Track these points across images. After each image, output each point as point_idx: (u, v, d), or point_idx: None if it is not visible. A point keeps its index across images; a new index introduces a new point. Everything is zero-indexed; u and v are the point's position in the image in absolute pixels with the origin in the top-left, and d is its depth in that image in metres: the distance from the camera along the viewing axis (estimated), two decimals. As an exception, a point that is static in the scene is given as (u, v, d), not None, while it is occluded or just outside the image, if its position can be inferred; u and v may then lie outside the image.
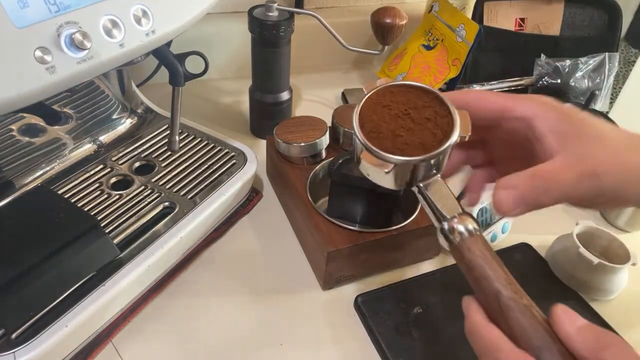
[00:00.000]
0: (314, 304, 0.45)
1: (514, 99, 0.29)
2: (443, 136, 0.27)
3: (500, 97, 0.30)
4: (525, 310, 0.23)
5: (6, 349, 0.33)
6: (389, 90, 0.29)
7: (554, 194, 0.26)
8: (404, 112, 0.28)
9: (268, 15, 0.54)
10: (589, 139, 0.27)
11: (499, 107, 0.29)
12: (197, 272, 0.47)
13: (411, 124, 0.27)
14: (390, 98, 0.29)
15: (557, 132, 0.27)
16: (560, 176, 0.26)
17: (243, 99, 0.69)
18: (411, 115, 0.28)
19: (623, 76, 0.78)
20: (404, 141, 0.27)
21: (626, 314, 0.46)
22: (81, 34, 0.33)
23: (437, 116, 0.27)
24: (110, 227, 0.43)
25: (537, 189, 0.26)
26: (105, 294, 0.38)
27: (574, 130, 0.27)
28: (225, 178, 0.49)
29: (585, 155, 0.26)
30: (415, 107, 0.28)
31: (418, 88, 0.29)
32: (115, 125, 0.55)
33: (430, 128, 0.27)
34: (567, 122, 0.27)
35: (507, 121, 0.29)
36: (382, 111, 0.28)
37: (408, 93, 0.29)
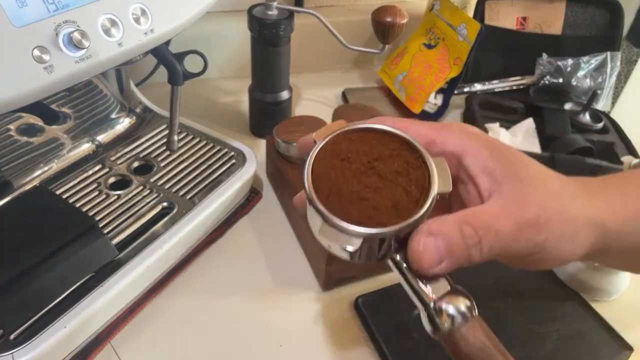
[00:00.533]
0: (314, 304, 0.44)
1: (439, 130, 0.25)
2: (419, 194, 0.22)
3: (424, 127, 0.25)
4: None
5: (5, 350, 0.33)
6: (346, 138, 0.23)
7: (489, 246, 0.21)
8: (367, 166, 0.22)
9: (268, 14, 0.54)
10: (528, 181, 0.23)
11: (423, 141, 0.24)
12: (196, 273, 0.46)
13: (378, 181, 0.22)
14: (348, 147, 0.23)
15: (491, 172, 0.23)
16: (497, 224, 0.21)
17: (242, 98, 0.69)
18: (377, 168, 0.22)
19: (625, 76, 0.78)
20: (371, 205, 0.21)
21: (627, 314, 0.45)
22: (79, 33, 0.33)
23: (408, 167, 0.22)
24: (109, 227, 0.43)
25: (469, 239, 0.21)
26: (103, 295, 0.37)
27: (510, 170, 0.23)
28: (225, 178, 0.49)
29: (525, 199, 0.22)
30: (380, 157, 0.22)
31: (381, 132, 0.23)
32: (114, 125, 0.55)
33: (403, 184, 0.22)
34: (501, 159, 0.23)
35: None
36: (341, 166, 0.22)
37: (370, 139, 0.23)
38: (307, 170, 0.22)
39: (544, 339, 0.42)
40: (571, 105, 0.69)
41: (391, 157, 0.23)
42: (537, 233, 0.21)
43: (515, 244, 0.21)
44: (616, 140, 0.64)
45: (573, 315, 0.44)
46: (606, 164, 0.58)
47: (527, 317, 0.43)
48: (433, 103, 0.71)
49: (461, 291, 0.22)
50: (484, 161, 0.23)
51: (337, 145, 0.23)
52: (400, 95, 0.71)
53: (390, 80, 0.74)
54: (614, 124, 0.67)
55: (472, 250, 0.21)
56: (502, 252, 0.22)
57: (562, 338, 0.42)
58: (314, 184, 0.22)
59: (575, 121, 0.65)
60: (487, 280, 0.47)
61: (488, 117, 0.67)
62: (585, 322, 0.43)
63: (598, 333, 0.43)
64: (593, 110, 0.67)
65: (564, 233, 0.22)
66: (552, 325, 0.43)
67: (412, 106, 0.69)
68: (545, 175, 0.24)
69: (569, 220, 0.22)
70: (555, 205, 0.22)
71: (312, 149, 0.23)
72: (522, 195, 0.22)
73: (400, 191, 0.22)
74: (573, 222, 0.22)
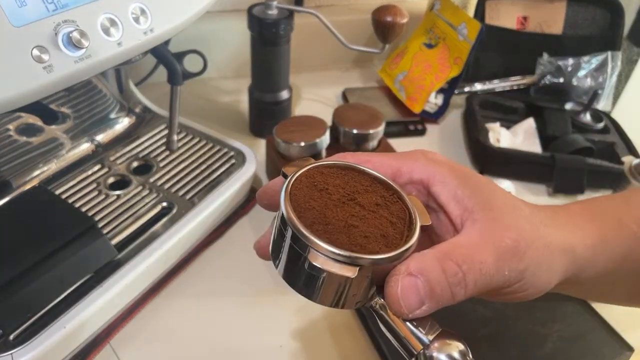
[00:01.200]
0: (314, 305, 0.44)
1: (404, 159, 0.24)
2: (403, 226, 0.21)
3: (387, 158, 0.24)
4: None
5: (4, 350, 0.33)
6: (318, 171, 0.22)
7: (474, 282, 0.20)
8: (348, 197, 0.21)
9: (267, 14, 0.54)
10: (500, 208, 0.22)
11: (389, 172, 0.23)
12: (196, 273, 0.46)
13: (362, 211, 0.21)
14: (324, 180, 0.22)
15: (461, 199, 0.22)
16: (480, 256, 0.20)
17: (242, 98, 0.69)
18: (358, 200, 0.21)
19: (626, 75, 0.77)
20: (361, 233, 0.20)
21: (629, 315, 0.45)
22: (79, 32, 0.32)
23: (386, 201, 0.22)
24: (108, 227, 0.43)
25: (452, 277, 0.19)
26: (103, 295, 0.37)
27: (480, 197, 0.22)
28: (224, 178, 0.49)
29: (501, 226, 0.21)
30: (357, 191, 0.22)
31: (349, 169, 0.23)
32: (113, 125, 0.55)
33: (385, 215, 0.21)
34: (470, 186, 0.22)
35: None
36: (320, 196, 0.21)
37: (342, 175, 0.22)
38: (285, 199, 0.20)
39: (544, 340, 0.41)
40: (572, 105, 0.69)
41: (367, 193, 0.22)
42: (518, 260, 0.20)
43: (498, 275, 0.20)
44: (617, 140, 0.64)
45: (574, 316, 0.44)
46: (607, 164, 0.58)
47: (527, 318, 0.43)
48: (433, 103, 0.71)
49: (452, 334, 0.20)
50: (453, 189, 0.22)
51: (311, 177, 0.22)
52: (401, 95, 0.71)
53: (391, 79, 0.74)
54: (614, 124, 0.67)
55: (456, 289, 0.19)
56: (486, 287, 0.20)
57: (562, 339, 0.42)
58: (296, 212, 0.20)
59: (575, 121, 0.65)
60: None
61: (488, 116, 0.67)
62: (586, 322, 0.43)
63: (599, 334, 0.43)
64: (594, 110, 0.67)
65: (542, 260, 0.21)
66: (553, 325, 0.43)
67: (413, 106, 0.69)
68: (514, 201, 0.23)
69: (545, 247, 0.21)
70: (531, 230, 0.21)
71: (283, 183, 0.21)
72: (498, 222, 0.21)
73: (385, 222, 0.21)
74: (549, 248, 0.22)
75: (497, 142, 0.62)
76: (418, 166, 0.24)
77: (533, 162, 0.58)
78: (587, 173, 0.57)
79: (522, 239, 0.21)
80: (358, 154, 0.24)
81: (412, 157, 0.24)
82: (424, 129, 0.68)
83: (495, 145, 0.60)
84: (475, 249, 0.20)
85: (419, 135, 0.68)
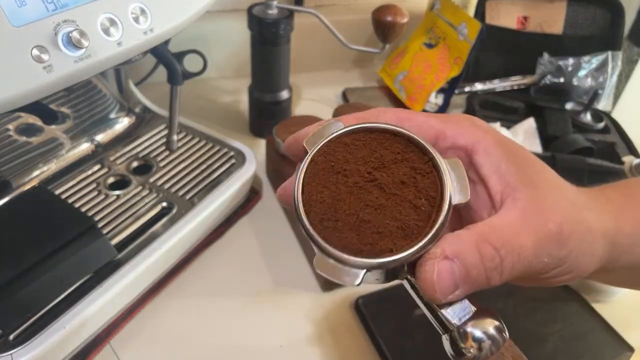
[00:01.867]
0: (314, 305, 0.44)
1: (448, 121, 0.22)
2: (431, 207, 0.18)
3: (431, 119, 0.22)
4: None
5: (4, 350, 0.33)
6: (341, 143, 0.20)
7: (511, 267, 0.19)
8: (367, 178, 0.19)
9: (267, 13, 0.54)
10: (544, 187, 0.20)
11: (432, 134, 0.22)
12: (196, 273, 0.46)
13: (381, 197, 0.18)
14: (344, 156, 0.19)
15: (504, 173, 0.20)
16: (520, 240, 0.19)
17: (242, 98, 0.69)
18: (379, 180, 0.19)
19: (626, 75, 0.77)
20: (374, 229, 0.18)
21: (629, 315, 0.45)
22: (79, 32, 0.32)
23: (416, 175, 0.19)
24: (108, 228, 0.43)
25: (489, 262, 0.18)
26: (103, 295, 0.37)
27: (525, 174, 0.20)
28: (224, 178, 0.49)
29: (545, 208, 0.19)
30: (382, 164, 0.19)
31: (381, 131, 0.20)
32: (113, 125, 0.55)
33: (410, 198, 0.18)
34: (515, 161, 0.21)
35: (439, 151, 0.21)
36: (336, 180, 0.19)
37: (369, 142, 0.20)
38: (297, 190, 0.19)
39: (545, 340, 0.41)
40: (572, 104, 0.69)
41: (395, 164, 0.19)
42: (561, 247, 0.19)
43: (536, 260, 0.19)
44: (617, 140, 0.64)
45: (574, 316, 0.44)
46: (607, 164, 0.58)
47: (528, 318, 0.43)
48: (434, 103, 0.71)
49: (488, 311, 0.19)
50: (497, 161, 0.20)
51: (330, 155, 0.20)
52: (401, 95, 0.71)
53: (391, 79, 0.74)
54: (615, 123, 0.67)
55: (492, 274, 0.18)
56: (523, 272, 0.19)
57: (563, 339, 0.42)
58: (306, 207, 0.18)
59: (576, 121, 0.65)
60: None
61: (489, 116, 0.67)
62: (587, 322, 0.43)
63: (599, 334, 0.43)
64: (594, 110, 0.67)
65: (585, 245, 0.20)
66: (554, 326, 0.43)
67: (413, 106, 0.69)
68: (560, 182, 0.22)
69: (588, 231, 0.20)
70: (575, 214, 0.20)
71: (302, 159, 0.20)
72: (541, 204, 0.19)
73: (407, 207, 0.18)
74: (591, 232, 0.20)
75: (497, 142, 0.62)
76: (463, 131, 0.22)
77: (533, 162, 0.58)
78: (588, 173, 0.57)
79: (567, 222, 0.19)
80: (398, 110, 0.22)
81: (456, 120, 0.22)
82: (424, 129, 0.68)
83: (496, 145, 0.60)
84: (515, 231, 0.19)
85: (419, 135, 0.68)
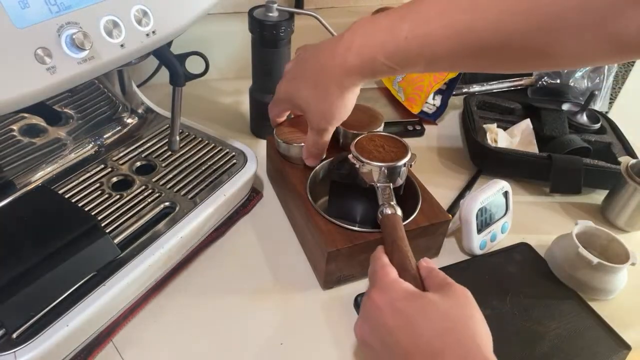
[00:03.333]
0: (314, 303, 0.45)
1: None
2: (402, 154, 0.45)
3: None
4: (404, 255, 0.36)
5: (7, 349, 0.33)
6: (377, 135, 0.48)
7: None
8: (380, 146, 0.46)
9: (268, 16, 0.54)
10: None
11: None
12: (197, 272, 0.47)
13: (383, 151, 0.45)
14: (372, 139, 0.47)
15: None
16: None
17: (243, 99, 0.69)
18: (385, 147, 0.46)
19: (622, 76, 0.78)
20: (384, 157, 0.45)
21: (626, 313, 0.46)
22: (82, 34, 0.33)
23: (397, 150, 0.46)
24: (111, 227, 0.43)
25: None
26: (105, 294, 0.38)
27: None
28: (226, 178, 0.50)
29: None
30: (386, 144, 0.46)
31: (389, 137, 0.47)
32: (116, 126, 0.55)
33: (392, 155, 0.45)
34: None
35: None
36: (369, 145, 0.46)
37: (383, 137, 0.47)
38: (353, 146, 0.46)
39: (542, 338, 0.42)
40: (569, 105, 0.69)
41: (389, 146, 0.46)
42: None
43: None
44: (613, 141, 0.64)
45: (571, 314, 0.44)
46: (604, 164, 0.58)
47: (525, 316, 0.44)
48: (432, 104, 0.71)
49: (396, 207, 0.41)
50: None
51: (369, 138, 0.47)
52: (400, 96, 0.72)
53: (390, 81, 0.74)
54: (611, 124, 0.67)
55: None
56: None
57: (560, 337, 0.42)
58: (359, 150, 0.45)
59: (572, 122, 0.66)
60: (486, 280, 0.47)
61: (486, 117, 0.67)
62: (584, 321, 0.44)
63: (596, 332, 0.43)
64: (590, 111, 0.67)
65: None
66: (551, 324, 0.43)
67: (411, 107, 0.69)
68: None
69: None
70: None
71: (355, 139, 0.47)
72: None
73: (392, 155, 0.45)
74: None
75: (494, 142, 0.63)
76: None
77: (530, 162, 0.59)
78: (584, 173, 0.57)
79: None
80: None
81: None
82: (422, 130, 0.69)
83: (493, 145, 0.61)
84: None
85: (418, 136, 0.68)
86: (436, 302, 0.30)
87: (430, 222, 0.46)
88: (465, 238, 0.49)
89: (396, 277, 0.33)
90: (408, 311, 0.30)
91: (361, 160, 0.44)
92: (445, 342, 0.28)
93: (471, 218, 0.48)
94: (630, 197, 0.54)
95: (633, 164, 0.54)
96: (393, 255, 0.36)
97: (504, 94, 0.73)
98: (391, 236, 0.38)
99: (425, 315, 0.29)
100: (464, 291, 0.31)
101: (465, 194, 0.58)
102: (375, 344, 0.31)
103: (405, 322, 0.29)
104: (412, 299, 0.31)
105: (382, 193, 0.43)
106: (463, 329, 0.29)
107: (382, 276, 0.33)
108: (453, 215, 0.51)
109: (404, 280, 0.33)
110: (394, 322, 0.30)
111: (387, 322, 0.30)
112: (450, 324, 0.29)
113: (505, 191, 0.51)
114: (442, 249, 0.50)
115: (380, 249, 0.37)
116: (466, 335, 0.28)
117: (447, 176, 0.61)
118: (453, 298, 0.30)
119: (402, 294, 0.31)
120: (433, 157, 0.65)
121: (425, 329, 0.29)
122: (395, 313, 0.30)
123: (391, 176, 0.44)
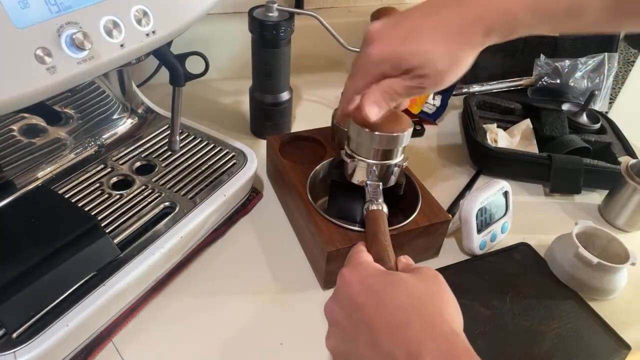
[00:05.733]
0: (314, 303, 0.45)
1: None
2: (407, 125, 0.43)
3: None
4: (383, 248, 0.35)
5: (7, 349, 0.33)
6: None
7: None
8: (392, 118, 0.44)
9: (268, 16, 0.55)
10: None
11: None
12: (197, 272, 0.47)
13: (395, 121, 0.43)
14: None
15: None
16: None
17: (243, 99, 0.69)
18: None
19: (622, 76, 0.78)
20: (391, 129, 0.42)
21: (625, 313, 0.46)
22: (82, 34, 0.33)
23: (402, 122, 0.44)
24: (111, 227, 0.43)
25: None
26: (105, 294, 0.38)
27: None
28: (226, 178, 0.50)
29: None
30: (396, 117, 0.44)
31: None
32: (116, 126, 0.55)
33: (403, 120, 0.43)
34: None
35: None
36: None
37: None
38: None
39: (542, 338, 0.42)
40: (569, 105, 0.69)
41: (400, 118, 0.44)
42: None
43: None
44: (613, 141, 0.64)
45: (571, 314, 0.44)
46: (603, 164, 0.58)
47: (525, 316, 0.44)
48: (432, 104, 0.71)
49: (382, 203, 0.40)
50: None
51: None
52: (400, 96, 0.71)
53: (390, 81, 0.74)
54: (611, 124, 0.67)
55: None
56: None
57: (560, 337, 0.42)
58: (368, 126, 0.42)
59: (572, 122, 0.66)
60: (486, 280, 0.47)
61: (486, 117, 0.67)
62: (584, 320, 0.44)
63: (596, 332, 0.43)
64: (590, 111, 0.67)
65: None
66: (551, 324, 0.43)
67: (411, 107, 0.69)
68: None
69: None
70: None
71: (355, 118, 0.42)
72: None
73: (398, 124, 0.42)
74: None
75: (494, 142, 0.63)
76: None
77: (530, 162, 0.59)
78: (584, 173, 0.57)
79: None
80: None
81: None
82: (422, 130, 0.69)
83: (493, 145, 0.61)
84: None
85: (418, 136, 0.68)
86: (406, 280, 0.30)
87: (430, 222, 0.46)
88: (465, 238, 0.49)
89: (370, 259, 0.33)
90: (376, 287, 0.30)
91: (352, 157, 0.43)
92: (410, 315, 0.28)
93: (471, 218, 0.48)
94: (630, 197, 0.54)
95: (633, 164, 0.54)
96: (372, 247, 0.36)
97: (504, 94, 0.73)
98: (372, 229, 0.37)
99: (394, 291, 0.29)
100: (435, 273, 0.31)
101: (465, 194, 0.58)
102: (343, 321, 0.30)
103: (373, 298, 0.29)
104: (381, 275, 0.31)
105: (370, 190, 0.42)
106: (430, 304, 0.29)
107: (355, 257, 0.34)
108: (453, 215, 0.51)
109: None
110: (362, 299, 0.30)
111: (355, 298, 0.30)
112: (417, 300, 0.29)
113: (505, 191, 0.51)
114: (442, 249, 0.50)
115: (360, 242, 0.37)
116: (432, 310, 0.28)
117: (447, 176, 0.61)
118: (423, 277, 0.31)
119: (372, 271, 0.31)
120: (433, 157, 0.65)
121: (391, 303, 0.29)
122: (363, 288, 0.30)
123: (382, 175, 0.43)
